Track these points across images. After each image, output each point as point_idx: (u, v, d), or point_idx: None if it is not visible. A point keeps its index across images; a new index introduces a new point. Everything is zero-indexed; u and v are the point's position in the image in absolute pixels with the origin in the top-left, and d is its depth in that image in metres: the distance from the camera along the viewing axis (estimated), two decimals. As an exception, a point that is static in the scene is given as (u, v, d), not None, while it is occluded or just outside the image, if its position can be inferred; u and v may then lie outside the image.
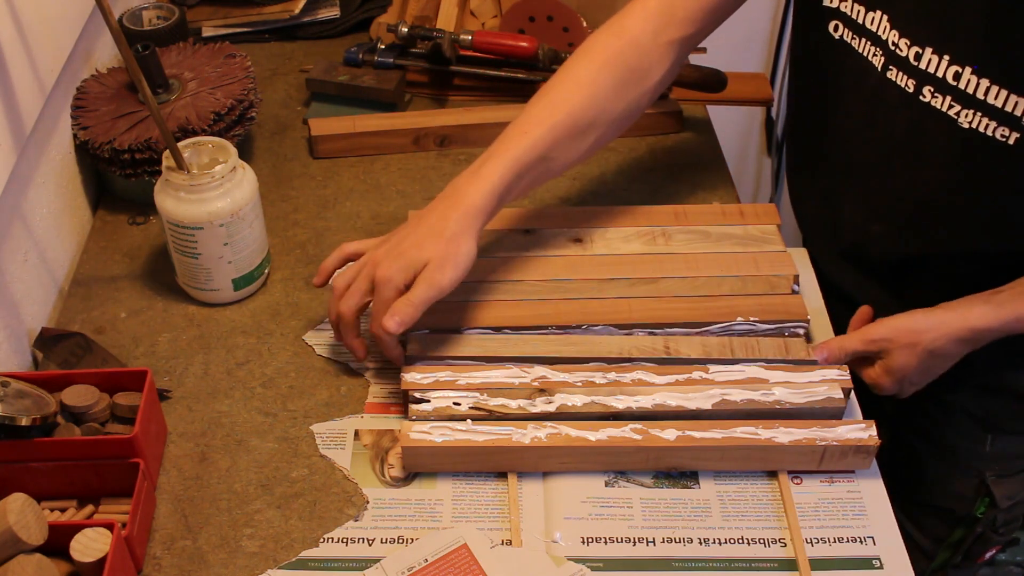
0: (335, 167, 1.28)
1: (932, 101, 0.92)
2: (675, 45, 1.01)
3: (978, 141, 0.90)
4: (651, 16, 1.00)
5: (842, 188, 1.07)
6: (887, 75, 0.95)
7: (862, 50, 0.97)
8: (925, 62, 0.91)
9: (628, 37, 1.00)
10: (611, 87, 1.00)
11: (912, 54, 0.92)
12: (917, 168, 0.97)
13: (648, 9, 1.01)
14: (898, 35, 0.92)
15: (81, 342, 1.02)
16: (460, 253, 0.92)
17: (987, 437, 1.09)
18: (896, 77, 0.94)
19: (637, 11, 1.01)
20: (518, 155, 0.96)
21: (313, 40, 1.49)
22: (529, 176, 0.97)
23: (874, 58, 0.96)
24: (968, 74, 0.88)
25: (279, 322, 1.07)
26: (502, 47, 1.33)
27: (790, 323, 1.01)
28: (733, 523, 0.89)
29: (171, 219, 1.02)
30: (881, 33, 0.94)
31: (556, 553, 0.87)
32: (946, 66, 0.90)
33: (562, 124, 0.98)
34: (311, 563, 0.87)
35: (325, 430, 0.97)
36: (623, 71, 1.00)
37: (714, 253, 1.09)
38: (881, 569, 0.86)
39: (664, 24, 1.00)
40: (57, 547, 0.79)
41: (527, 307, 1.03)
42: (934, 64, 0.90)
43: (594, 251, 1.10)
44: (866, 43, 0.96)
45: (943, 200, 0.97)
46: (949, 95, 0.90)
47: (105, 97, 1.20)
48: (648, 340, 1.00)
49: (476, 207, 0.93)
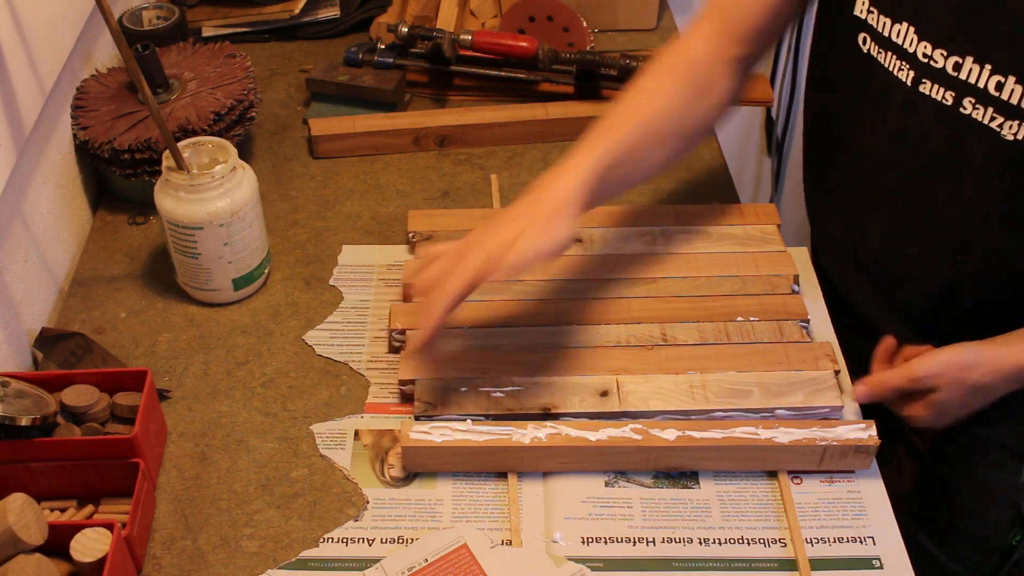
0: (335, 167, 1.28)
1: (973, 113, 0.88)
2: (735, 63, 1.00)
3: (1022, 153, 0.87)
4: (709, 36, 1.00)
5: (868, 211, 1.03)
6: (920, 88, 0.91)
7: (888, 64, 0.93)
8: (965, 72, 0.87)
9: (689, 54, 1.00)
10: (680, 100, 0.99)
11: (951, 64, 0.88)
12: (955, 185, 0.93)
13: (704, 31, 1.01)
14: (931, 46, 0.88)
15: (81, 342, 1.02)
16: (558, 225, 0.87)
17: (1021, 468, 1.07)
18: (931, 90, 0.90)
19: (695, 33, 1.01)
20: (608, 147, 0.93)
21: (313, 40, 1.49)
22: (617, 173, 0.94)
23: (901, 72, 0.92)
24: (1012, 83, 0.84)
25: (279, 322, 1.07)
26: (502, 47, 1.33)
27: (790, 323, 1.01)
28: (733, 523, 0.89)
29: (171, 219, 1.02)
30: (908, 46, 0.90)
31: (556, 553, 0.87)
32: (987, 76, 0.86)
33: (644, 127, 0.96)
34: (311, 563, 0.87)
35: (325, 430, 0.97)
36: (689, 86, 0.99)
37: (714, 253, 1.09)
38: (881, 569, 0.86)
39: (722, 43, 1.00)
40: (57, 547, 0.79)
41: (527, 307, 1.03)
42: (975, 74, 0.86)
43: (594, 251, 1.10)
44: (892, 57, 0.92)
45: (982, 218, 0.93)
46: (991, 106, 0.86)
47: (105, 97, 1.20)
48: (645, 328, 1.01)
49: (567, 193, 0.89)
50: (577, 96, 1.35)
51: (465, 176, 1.26)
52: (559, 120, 1.30)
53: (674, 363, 0.98)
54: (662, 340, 1.00)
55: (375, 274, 1.12)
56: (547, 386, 0.96)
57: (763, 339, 1.00)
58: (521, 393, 0.95)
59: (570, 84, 1.35)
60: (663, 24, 1.55)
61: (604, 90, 1.34)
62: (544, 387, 0.95)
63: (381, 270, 1.12)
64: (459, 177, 1.26)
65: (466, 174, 1.27)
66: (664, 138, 0.98)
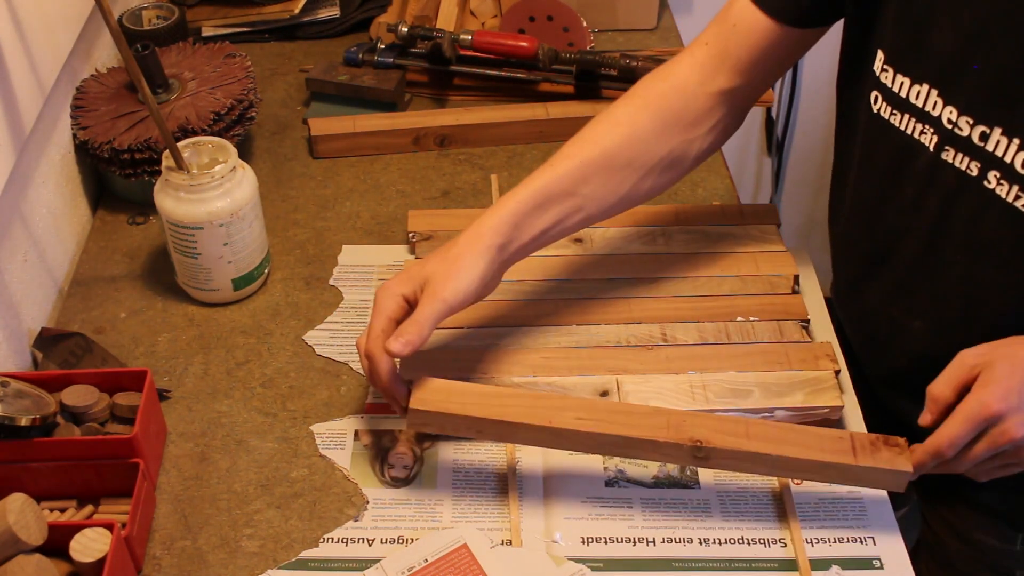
0: (335, 167, 1.28)
1: (997, 189, 0.82)
2: (725, 96, 0.96)
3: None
4: (698, 64, 0.96)
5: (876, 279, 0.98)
6: (942, 156, 0.85)
7: (906, 127, 0.87)
8: (992, 144, 0.81)
9: (674, 81, 0.97)
10: (651, 129, 0.95)
11: (977, 134, 0.81)
12: (973, 263, 0.87)
13: (696, 57, 0.97)
14: (956, 112, 0.82)
15: (81, 342, 1.02)
16: (463, 268, 0.88)
17: (1017, 536, 1.04)
18: (954, 159, 0.84)
19: (686, 58, 0.98)
20: (539, 185, 0.92)
21: (313, 40, 1.49)
22: (555, 210, 0.93)
23: (923, 136, 0.86)
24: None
25: (279, 322, 1.07)
26: (502, 47, 1.33)
27: (790, 323, 1.01)
28: (733, 523, 0.89)
29: (171, 219, 1.02)
30: (931, 109, 0.84)
31: (556, 553, 0.87)
32: (1015, 150, 0.79)
33: (594, 161, 0.94)
34: (311, 563, 0.87)
35: (325, 430, 0.97)
36: (666, 114, 0.96)
37: (714, 253, 1.09)
38: (881, 569, 0.86)
39: (711, 74, 0.96)
40: (57, 547, 0.79)
41: (527, 307, 1.03)
42: (1003, 147, 0.80)
43: (594, 251, 1.10)
44: (911, 120, 0.86)
45: (1000, 301, 0.87)
46: (1017, 184, 0.80)
47: (105, 97, 1.20)
48: (645, 328, 1.01)
49: (484, 228, 0.90)
50: (577, 96, 1.35)
51: (465, 176, 1.26)
52: (559, 120, 1.30)
53: (674, 363, 0.98)
54: (662, 340, 1.00)
55: (375, 274, 1.12)
56: (547, 386, 0.96)
57: (763, 339, 1.00)
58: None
59: (570, 84, 1.35)
60: (663, 24, 1.55)
61: (604, 90, 1.34)
62: (544, 387, 0.95)
63: (381, 270, 1.12)
64: (459, 177, 1.26)
65: (466, 174, 1.27)
66: (624, 169, 0.95)
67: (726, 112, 0.98)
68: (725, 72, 0.96)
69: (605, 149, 0.94)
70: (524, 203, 0.91)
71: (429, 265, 0.89)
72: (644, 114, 0.96)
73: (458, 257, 0.89)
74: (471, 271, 0.88)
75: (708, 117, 0.97)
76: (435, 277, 0.88)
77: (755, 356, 0.98)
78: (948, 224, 0.88)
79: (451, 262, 0.88)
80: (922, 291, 0.93)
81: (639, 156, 0.96)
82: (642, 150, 0.96)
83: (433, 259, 0.90)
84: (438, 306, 0.87)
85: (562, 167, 0.93)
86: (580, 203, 0.94)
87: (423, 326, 0.86)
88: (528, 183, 0.93)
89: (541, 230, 0.93)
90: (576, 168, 0.93)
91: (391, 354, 0.85)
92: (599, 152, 0.94)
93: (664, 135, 0.96)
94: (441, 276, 0.88)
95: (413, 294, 0.89)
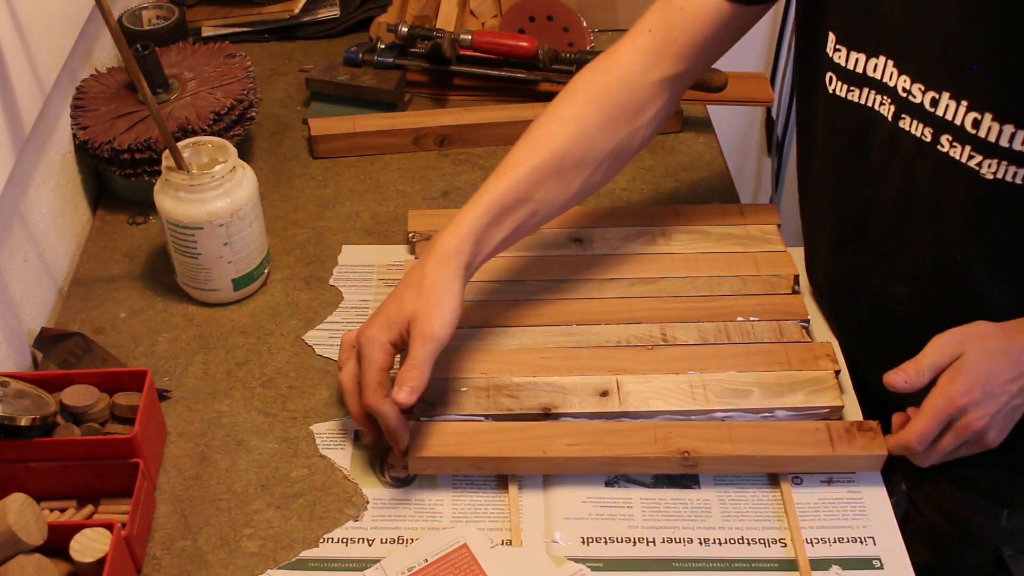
0: (335, 167, 1.28)
1: (951, 151, 0.85)
2: (667, 83, 0.97)
3: (1004, 192, 0.83)
4: (641, 53, 0.97)
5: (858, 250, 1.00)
6: (899, 124, 0.88)
7: (865, 100, 0.90)
8: (942, 109, 0.84)
9: (616, 74, 0.97)
10: (598, 125, 0.96)
11: (928, 100, 0.84)
12: (938, 224, 0.90)
13: (638, 45, 0.97)
14: (910, 80, 0.85)
15: (81, 342, 1.02)
16: (442, 299, 0.88)
17: (1003, 512, 1.05)
18: (910, 126, 0.87)
19: (626, 48, 0.98)
20: (495, 196, 0.92)
21: (313, 40, 1.49)
22: (512, 218, 0.94)
23: (882, 107, 0.89)
24: (989, 121, 0.81)
25: (279, 322, 1.07)
26: (502, 47, 1.33)
27: (790, 323, 1.01)
28: (733, 523, 0.89)
29: (171, 219, 1.02)
30: (888, 80, 0.87)
31: (556, 553, 0.87)
32: (964, 112, 0.82)
33: (545, 165, 0.94)
34: (311, 563, 0.87)
35: (325, 430, 0.97)
36: (611, 108, 0.96)
37: (714, 253, 1.09)
38: (881, 569, 0.86)
39: (655, 61, 0.96)
40: (57, 547, 0.79)
41: (527, 307, 1.03)
42: (951, 110, 0.83)
43: (594, 251, 1.10)
44: (870, 92, 0.89)
45: (969, 258, 0.90)
46: (969, 144, 0.83)
47: (105, 97, 1.20)
48: (645, 328, 1.01)
49: (449, 250, 0.90)
50: (577, 96, 1.35)
51: (465, 176, 1.26)
52: (559, 120, 1.30)
53: (674, 363, 0.98)
54: (662, 340, 1.00)
55: (375, 274, 1.12)
56: (547, 386, 0.96)
57: (763, 339, 1.00)
58: (521, 393, 0.95)
59: (570, 84, 1.35)
60: (663, 24, 1.55)
61: (604, 90, 1.34)
62: (544, 387, 0.95)
63: (381, 270, 1.12)
64: (459, 177, 1.26)
65: (466, 174, 1.27)
66: (574, 169, 0.96)
67: (668, 98, 0.99)
68: (669, 59, 0.97)
69: (554, 152, 0.95)
70: (481, 218, 0.92)
71: (406, 303, 0.88)
72: (590, 111, 0.96)
73: (433, 287, 0.88)
74: (450, 300, 0.88)
75: (651, 105, 0.98)
76: (419, 315, 0.87)
77: (755, 356, 0.98)
78: (912, 190, 0.90)
79: (427, 295, 0.88)
80: (899, 257, 0.96)
81: (588, 153, 0.97)
82: (590, 147, 0.97)
83: (407, 295, 0.89)
84: (432, 345, 0.87)
85: (515, 174, 0.94)
86: (535, 208, 0.95)
87: (423, 369, 0.86)
88: (482, 195, 0.93)
89: (501, 239, 0.94)
90: (528, 174, 0.94)
91: (401, 405, 0.86)
92: (548, 155, 0.95)
93: (611, 129, 0.97)
94: (424, 313, 0.87)
95: (400, 338, 0.89)
